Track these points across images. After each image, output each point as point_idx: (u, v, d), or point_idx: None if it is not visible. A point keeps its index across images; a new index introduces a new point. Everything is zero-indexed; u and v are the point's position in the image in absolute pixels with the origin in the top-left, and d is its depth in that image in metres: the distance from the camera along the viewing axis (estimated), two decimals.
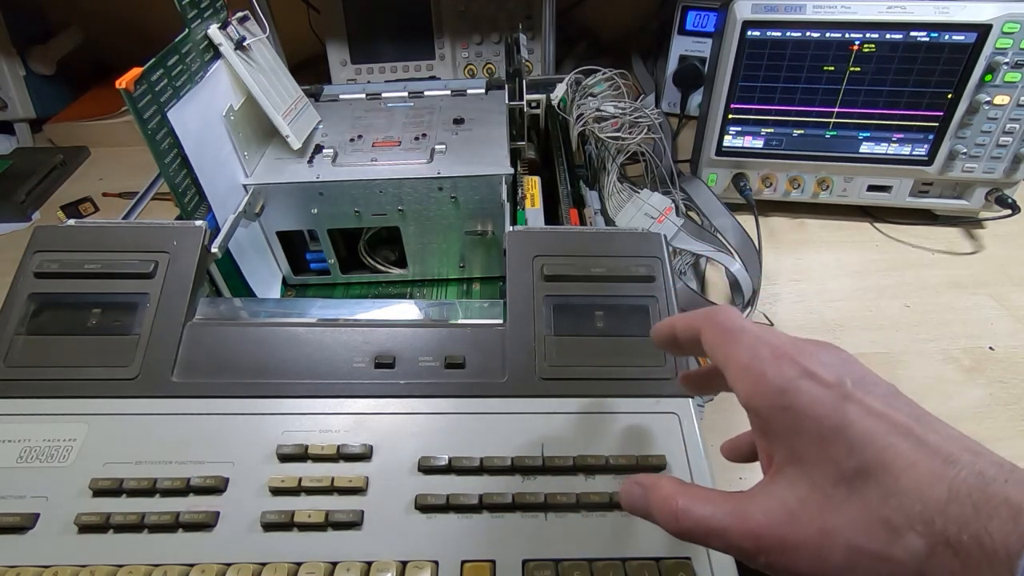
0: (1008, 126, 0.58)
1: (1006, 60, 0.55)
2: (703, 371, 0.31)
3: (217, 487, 0.33)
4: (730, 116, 0.63)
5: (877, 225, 0.68)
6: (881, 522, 0.18)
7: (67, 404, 0.37)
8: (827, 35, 0.57)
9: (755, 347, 0.22)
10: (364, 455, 0.34)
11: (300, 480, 0.33)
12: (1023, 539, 0.16)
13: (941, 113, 0.59)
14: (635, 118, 0.59)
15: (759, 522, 0.20)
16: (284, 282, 0.57)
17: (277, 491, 0.33)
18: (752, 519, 0.20)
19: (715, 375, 0.29)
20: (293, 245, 0.55)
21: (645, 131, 0.59)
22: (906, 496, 0.18)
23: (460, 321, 0.41)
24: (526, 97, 0.59)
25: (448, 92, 0.63)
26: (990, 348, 0.53)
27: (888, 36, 0.56)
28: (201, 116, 0.45)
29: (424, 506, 0.32)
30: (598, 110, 0.60)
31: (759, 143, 0.64)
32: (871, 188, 0.65)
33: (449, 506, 0.32)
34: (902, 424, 0.19)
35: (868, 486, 0.19)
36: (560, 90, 0.66)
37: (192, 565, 0.30)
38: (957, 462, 0.18)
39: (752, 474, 0.43)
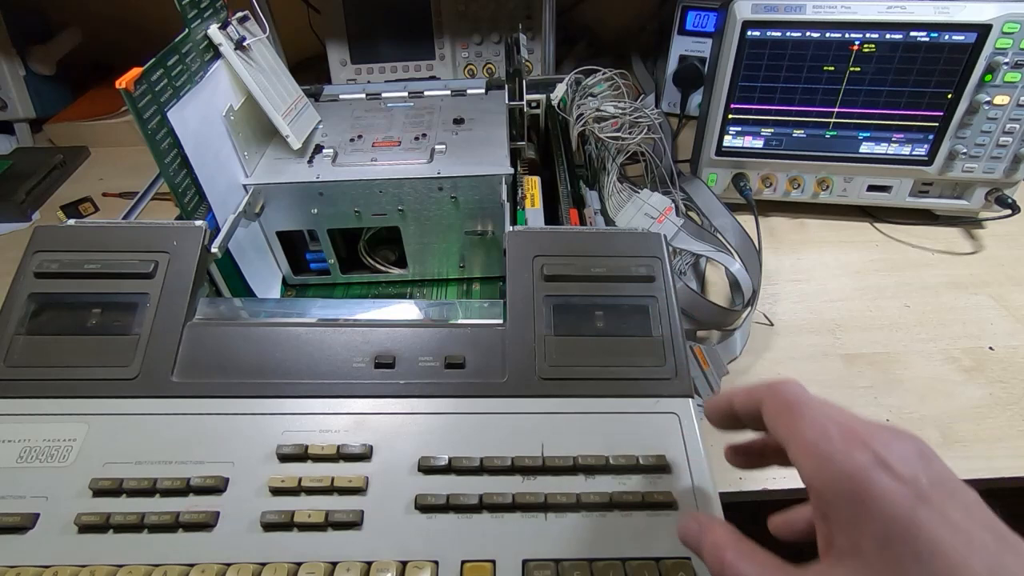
0: (1008, 126, 0.58)
1: (1006, 60, 0.55)
2: (755, 443, 0.29)
3: (217, 487, 0.33)
4: (730, 116, 0.63)
5: (877, 225, 0.68)
6: None
7: (67, 404, 0.37)
8: (827, 35, 0.57)
9: (823, 425, 0.21)
10: (364, 455, 0.34)
11: (300, 480, 0.33)
12: None
13: (941, 113, 0.59)
14: (635, 118, 0.59)
15: None
16: (284, 282, 0.57)
17: (277, 491, 0.33)
18: None
19: (769, 449, 0.28)
20: (293, 245, 0.55)
21: (645, 131, 0.59)
22: None
23: (460, 321, 0.41)
24: (526, 97, 0.59)
25: (448, 92, 0.63)
26: (990, 348, 0.53)
27: (888, 36, 0.56)
28: (201, 116, 0.45)
29: (424, 506, 0.32)
30: (598, 110, 0.60)
31: (759, 143, 0.64)
32: (871, 188, 0.65)
33: (449, 506, 0.32)
34: (979, 541, 0.18)
35: None
36: (560, 90, 0.66)
37: (192, 565, 0.30)
38: None
39: (753, 472, 0.43)
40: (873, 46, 0.57)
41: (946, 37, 0.55)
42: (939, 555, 0.18)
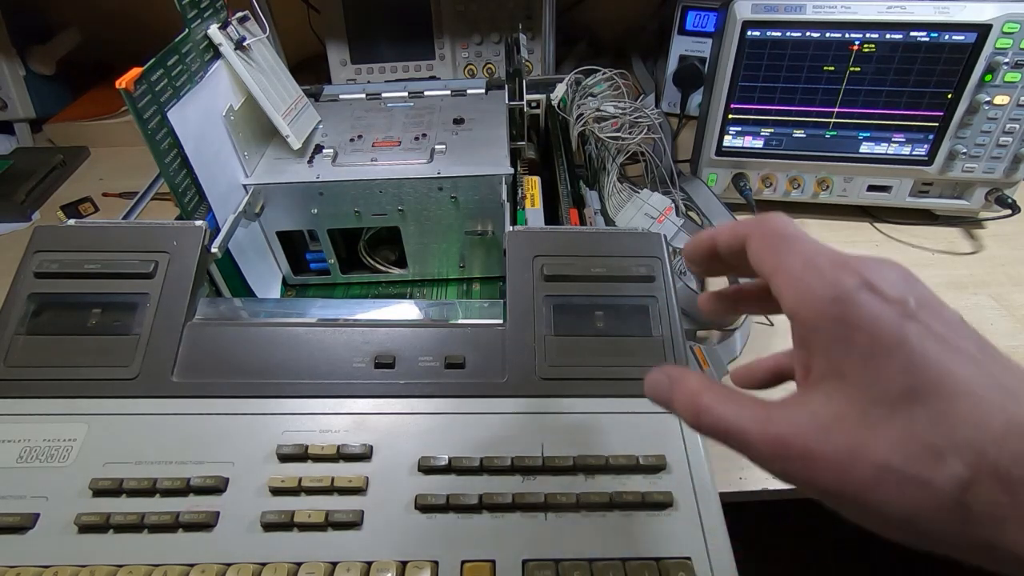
0: (1008, 126, 0.58)
1: (1006, 60, 0.55)
2: (730, 289, 0.28)
3: (217, 487, 0.33)
4: (730, 116, 0.63)
5: (877, 225, 0.68)
6: (923, 445, 0.17)
7: (67, 404, 0.37)
8: (827, 35, 0.57)
9: (812, 255, 0.21)
10: (364, 455, 0.34)
11: (300, 480, 0.33)
12: None
13: (941, 113, 0.59)
14: (635, 118, 0.59)
15: (784, 430, 0.19)
16: (284, 282, 0.57)
17: (277, 491, 0.33)
18: (777, 426, 0.19)
19: (745, 295, 0.27)
20: (293, 245, 0.55)
21: (645, 131, 0.59)
22: (957, 422, 0.17)
23: (460, 321, 0.41)
24: (526, 97, 0.59)
25: (448, 92, 0.63)
26: None
27: (888, 36, 0.56)
28: (201, 116, 0.45)
29: (424, 506, 0.32)
30: (598, 110, 0.60)
31: (759, 143, 0.64)
32: (871, 188, 0.65)
33: (449, 506, 0.32)
34: (965, 350, 0.18)
35: (915, 409, 0.18)
36: (560, 90, 0.66)
37: (192, 565, 0.30)
38: (1020, 398, 0.17)
39: (752, 473, 0.43)
40: (873, 46, 0.57)
41: (946, 37, 0.55)
42: (924, 365, 0.18)
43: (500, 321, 0.40)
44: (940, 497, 0.17)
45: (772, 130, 0.63)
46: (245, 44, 0.50)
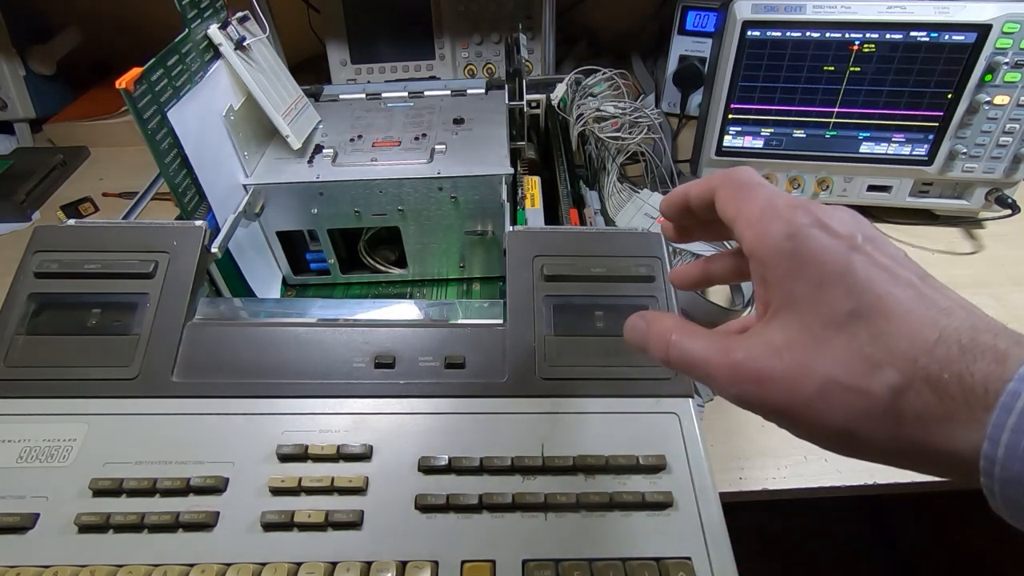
0: (1008, 126, 0.58)
1: (1006, 60, 0.55)
2: (700, 261, 0.30)
3: (217, 487, 0.33)
4: (730, 116, 0.63)
5: (877, 225, 0.67)
6: (863, 358, 0.19)
7: (67, 404, 0.37)
8: (827, 35, 0.57)
9: (771, 199, 0.22)
10: (364, 455, 0.34)
11: (300, 480, 0.33)
12: (1005, 380, 0.17)
13: (941, 113, 0.59)
14: (635, 118, 0.59)
15: (740, 357, 0.21)
16: (284, 282, 0.57)
17: (277, 491, 0.33)
18: (735, 354, 0.21)
19: (712, 265, 0.29)
20: (293, 245, 0.55)
21: (645, 131, 0.59)
22: (894, 336, 0.19)
23: (460, 321, 0.41)
24: (526, 97, 0.59)
25: (448, 92, 0.63)
26: None
27: (888, 36, 0.56)
28: (201, 116, 0.45)
29: (424, 506, 0.32)
30: (598, 110, 0.60)
31: (759, 143, 0.64)
32: (871, 188, 0.65)
33: (449, 506, 0.32)
34: (904, 277, 0.20)
35: (858, 327, 0.19)
36: (560, 90, 0.66)
37: (192, 565, 0.30)
38: (952, 313, 0.19)
39: (752, 473, 0.43)
40: (873, 46, 0.57)
41: (946, 37, 0.55)
42: (868, 288, 0.19)
43: (500, 321, 0.40)
44: (876, 403, 0.19)
45: (772, 130, 0.63)
46: (245, 44, 0.50)
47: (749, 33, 0.58)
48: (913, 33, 0.56)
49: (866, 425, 0.19)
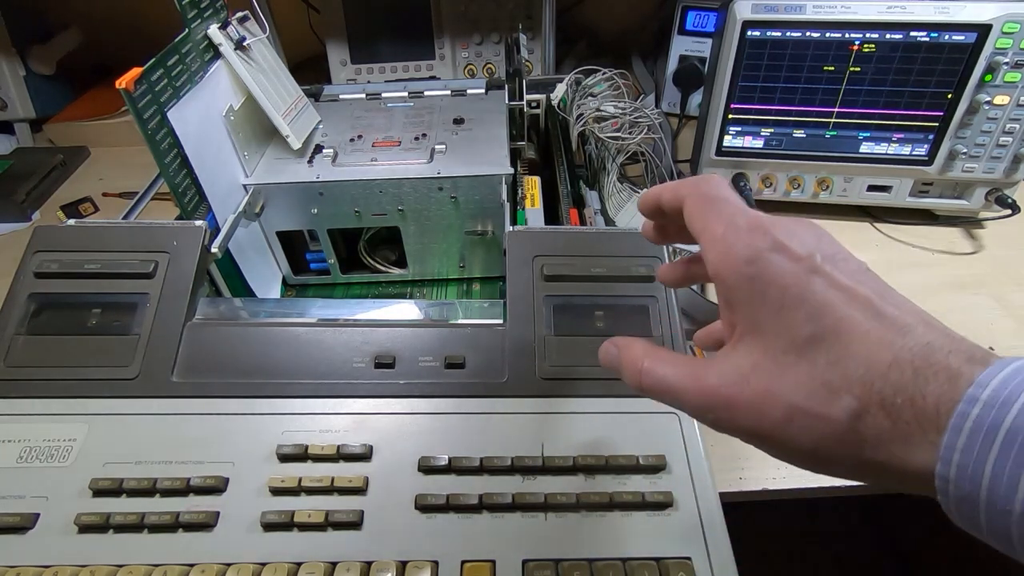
0: (1008, 126, 0.58)
1: (1006, 60, 0.55)
2: (682, 261, 0.30)
3: (217, 487, 0.33)
4: (730, 116, 0.63)
5: (877, 225, 0.68)
6: (823, 384, 0.19)
7: (67, 404, 0.37)
8: (827, 35, 0.57)
9: (732, 217, 0.22)
10: (364, 455, 0.34)
11: (300, 480, 0.33)
12: (955, 401, 0.17)
13: (941, 113, 0.59)
14: (635, 118, 0.59)
15: (711, 383, 0.21)
16: (284, 282, 0.57)
17: (277, 491, 0.33)
18: (706, 380, 0.21)
19: (695, 265, 0.29)
20: (293, 245, 0.55)
21: (645, 131, 0.59)
22: (851, 361, 0.19)
23: (460, 321, 0.41)
24: (526, 97, 0.59)
25: (448, 92, 0.63)
26: (990, 348, 0.53)
27: (888, 36, 0.56)
28: (201, 116, 0.45)
29: (424, 506, 0.32)
30: (598, 110, 0.60)
31: (759, 143, 0.64)
32: (871, 188, 0.65)
33: (449, 506, 0.32)
34: (862, 297, 0.20)
35: (818, 352, 0.20)
36: (560, 90, 0.66)
37: (192, 565, 0.30)
38: (909, 332, 0.19)
39: (752, 473, 0.43)
40: (873, 46, 0.57)
41: (946, 37, 0.55)
42: (826, 312, 0.20)
43: (500, 321, 0.40)
44: (837, 428, 0.19)
45: (772, 130, 0.63)
46: (245, 44, 0.50)
47: (749, 33, 0.58)
48: (913, 33, 0.56)
49: (830, 447, 0.19)
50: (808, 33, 0.57)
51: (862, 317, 0.20)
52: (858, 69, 0.58)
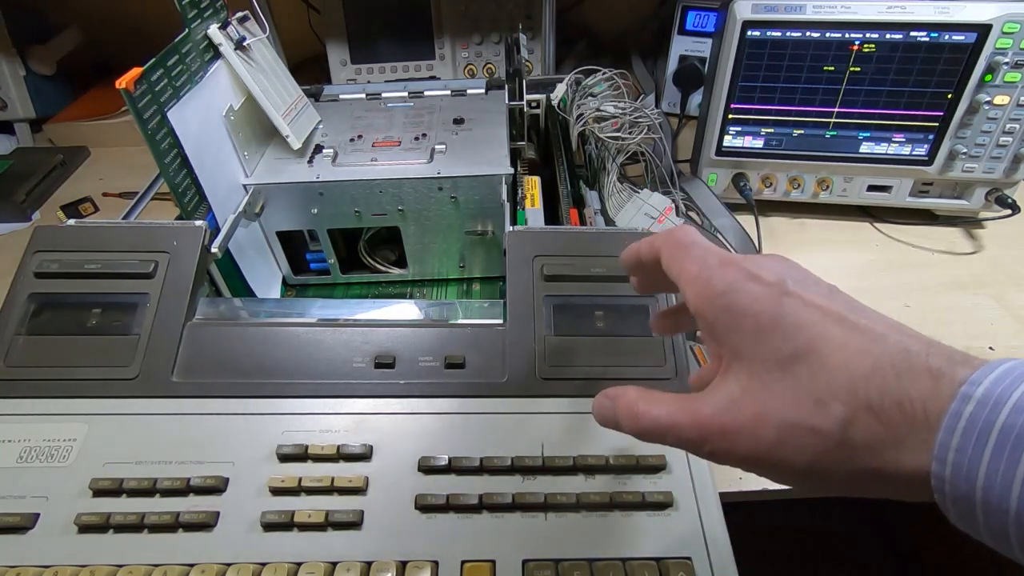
0: (1008, 126, 0.58)
1: (1006, 60, 0.55)
2: (673, 308, 0.31)
3: (217, 487, 0.33)
4: (730, 116, 0.63)
5: (877, 225, 0.68)
6: (809, 397, 0.20)
7: (67, 404, 0.37)
8: (827, 35, 0.57)
9: (705, 257, 0.23)
10: (364, 455, 0.34)
11: (300, 480, 0.33)
12: (943, 400, 0.18)
13: (941, 113, 0.59)
14: (635, 118, 0.59)
15: (706, 414, 0.22)
16: (284, 282, 0.57)
17: (277, 491, 0.33)
18: (700, 412, 0.22)
19: (682, 312, 0.30)
20: (293, 245, 0.55)
21: (645, 131, 0.59)
22: (833, 372, 0.20)
23: (460, 321, 0.41)
24: (526, 97, 0.59)
25: (448, 92, 0.63)
26: (990, 348, 0.53)
27: (888, 36, 0.56)
28: (201, 116, 0.45)
29: (424, 506, 0.32)
30: (598, 110, 0.60)
31: (759, 143, 0.64)
32: (871, 188, 0.65)
33: (449, 506, 0.32)
34: (835, 312, 0.21)
35: (800, 368, 0.20)
36: (560, 90, 0.66)
37: (192, 565, 0.30)
38: (884, 339, 0.20)
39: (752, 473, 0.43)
40: (873, 46, 0.57)
41: (946, 37, 0.55)
42: (802, 330, 0.20)
43: (500, 321, 0.40)
44: (829, 440, 0.19)
45: (772, 130, 0.63)
46: (245, 44, 0.50)
47: (749, 33, 0.58)
48: (913, 33, 0.56)
49: (824, 461, 0.20)
50: (808, 33, 0.57)
51: (837, 330, 0.20)
52: (858, 69, 0.58)
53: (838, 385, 0.19)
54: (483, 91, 0.63)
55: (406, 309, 0.44)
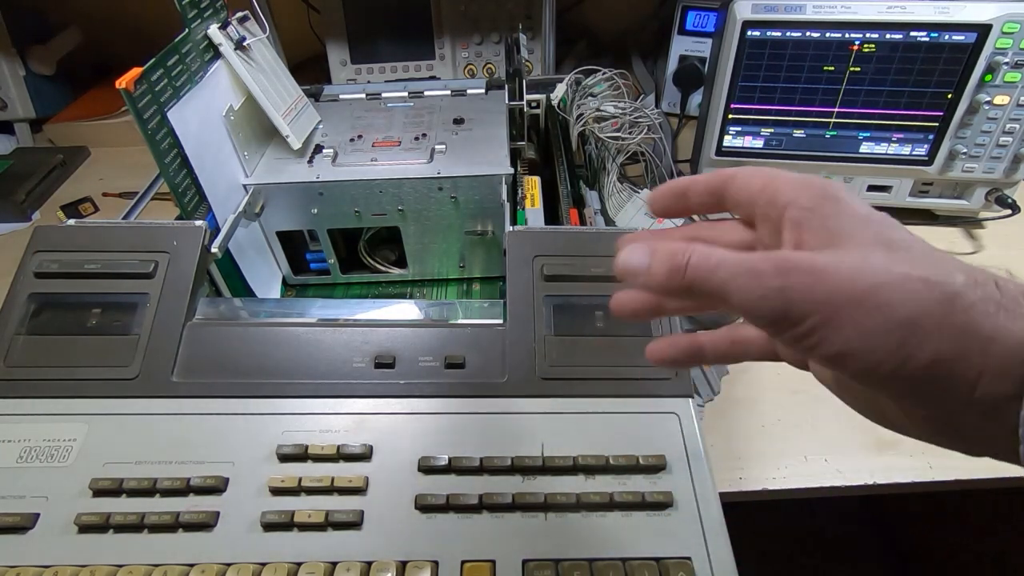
0: (1008, 126, 0.58)
1: (1006, 60, 0.55)
2: (683, 339, 0.27)
3: (217, 487, 0.33)
4: (730, 116, 0.63)
5: None
6: (928, 260, 0.19)
7: (67, 404, 0.37)
8: (827, 35, 0.57)
9: (801, 176, 0.22)
10: (364, 455, 0.34)
11: (300, 480, 0.33)
12: None
13: (941, 113, 0.59)
14: (635, 118, 0.59)
15: (790, 255, 0.20)
16: (284, 282, 0.57)
17: (277, 491, 0.33)
18: (782, 253, 0.20)
19: (742, 330, 0.27)
20: (293, 245, 0.55)
21: (645, 131, 0.59)
22: (948, 258, 0.20)
23: (460, 321, 0.41)
24: (526, 97, 0.59)
25: (448, 92, 0.63)
26: None
27: (888, 36, 0.56)
28: (201, 116, 0.45)
29: (424, 506, 0.32)
30: (598, 110, 0.60)
31: (759, 143, 0.64)
32: (871, 188, 0.65)
33: (449, 506, 0.32)
34: (877, 214, 0.21)
35: (912, 249, 0.20)
36: (560, 90, 0.66)
37: (192, 565, 0.30)
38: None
39: (752, 473, 0.43)
40: (873, 46, 0.57)
41: (946, 37, 0.55)
42: (899, 229, 0.20)
43: (500, 321, 0.40)
44: (948, 290, 0.18)
45: (772, 130, 0.63)
46: (245, 44, 0.50)
47: (749, 33, 0.58)
48: (913, 33, 0.56)
49: (929, 318, 0.18)
50: (808, 33, 0.57)
51: (876, 217, 0.21)
52: (858, 69, 0.58)
53: (955, 264, 0.19)
54: (483, 91, 0.63)
55: (406, 309, 0.44)
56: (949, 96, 0.58)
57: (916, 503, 0.98)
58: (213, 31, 0.48)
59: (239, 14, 0.52)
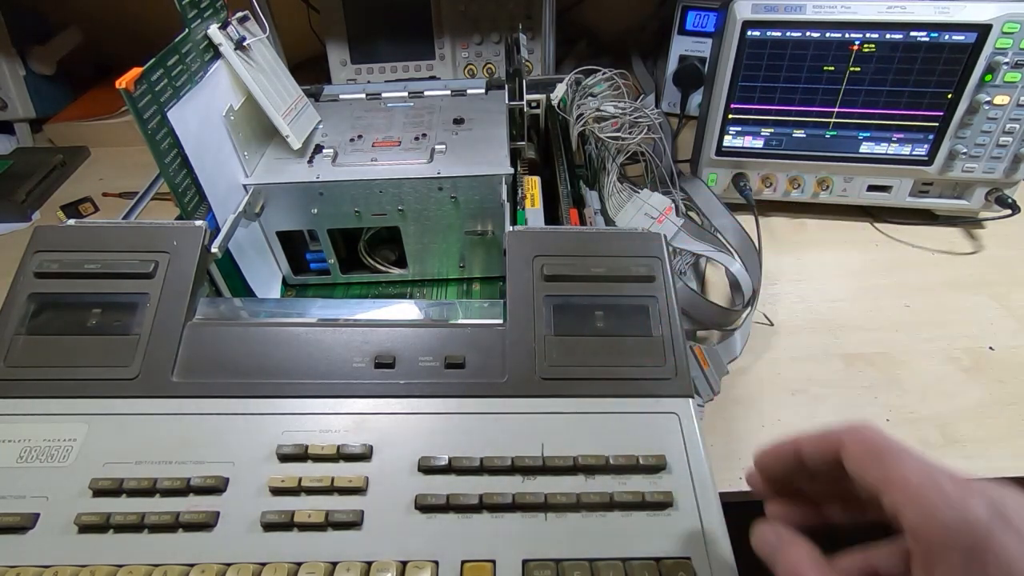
0: (1008, 126, 0.58)
1: (1006, 60, 0.55)
2: (858, 556, 0.25)
3: (217, 487, 0.33)
4: (730, 116, 0.63)
5: (877, 225, 0.68)
6: None
7: (67, 404, 0.37)
8: (827, 35, 0.57)
9: (930, 472, 0.20)
10: (364, 455, 0.34)
11: (300, 480, 0.33)
12: None
13: (941, 113, 0.59)
14: (635, 118, 0.59)
15: None
16: (284, 282, 0.57)
17: (277, 491, 0.33)
18: None
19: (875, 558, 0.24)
20: (293, 245, 0.55)
21: (645, 131, 0.59)
22: None
23: (460, 321, 0.41)
24: (526, 97, 0.59)
25: (448, 92, 0.63)
26: (990, 348, 0.53)
27: (888, 36, 0.56)
28: (201, 116, 0.45)
29: (424, 506, 0.32)
30: (598, 110, 0.60)
31: (759, 143, 0.64)
32: (871, 188, 0.65)
33: (449, 506, 0.32)
34: None
35: None
36: (560, 90, 0.66)
37: (192, 565, 0.30)
38: None
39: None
40: (873, 46, 0.57)
41: (946, 37, 0.55)
42: None
43: (500, 321, 0.40)
44: None
45: (772, 130, 0.63)
46: (245, 44, 0.50)
47: (749, 33, 0.58)
48: (913, 33, 0.56)
49: None
50: (808, 33, 0.57)
51: None
52: (858, 69, 0.58)
53: None
54: (483, 91, 0.63)
55: (406, 309, 0.44)
56: (949, 96, 0.58)
57: None
58: (213, 31, 0.48)
59: (239, 14, 0.52)
